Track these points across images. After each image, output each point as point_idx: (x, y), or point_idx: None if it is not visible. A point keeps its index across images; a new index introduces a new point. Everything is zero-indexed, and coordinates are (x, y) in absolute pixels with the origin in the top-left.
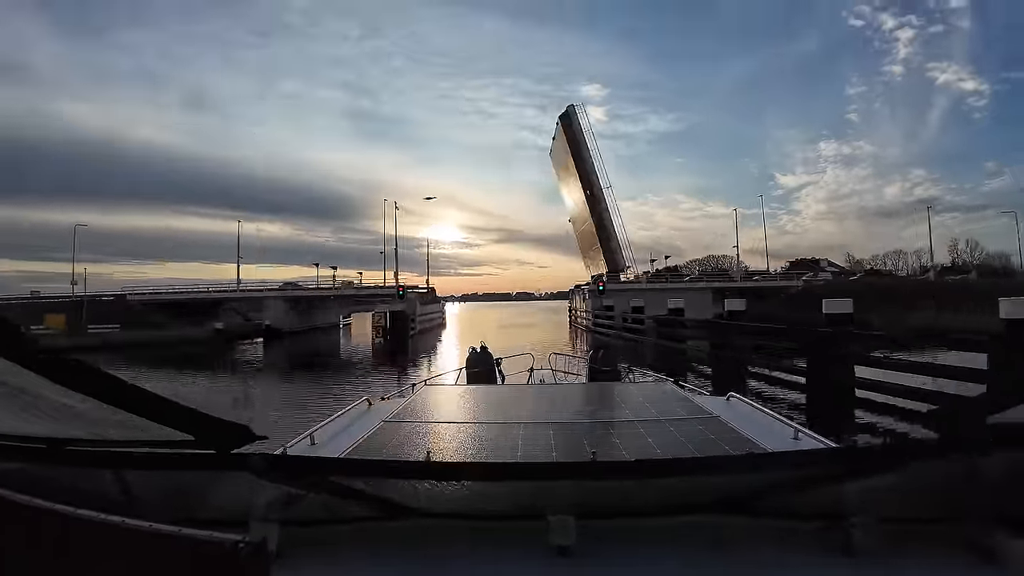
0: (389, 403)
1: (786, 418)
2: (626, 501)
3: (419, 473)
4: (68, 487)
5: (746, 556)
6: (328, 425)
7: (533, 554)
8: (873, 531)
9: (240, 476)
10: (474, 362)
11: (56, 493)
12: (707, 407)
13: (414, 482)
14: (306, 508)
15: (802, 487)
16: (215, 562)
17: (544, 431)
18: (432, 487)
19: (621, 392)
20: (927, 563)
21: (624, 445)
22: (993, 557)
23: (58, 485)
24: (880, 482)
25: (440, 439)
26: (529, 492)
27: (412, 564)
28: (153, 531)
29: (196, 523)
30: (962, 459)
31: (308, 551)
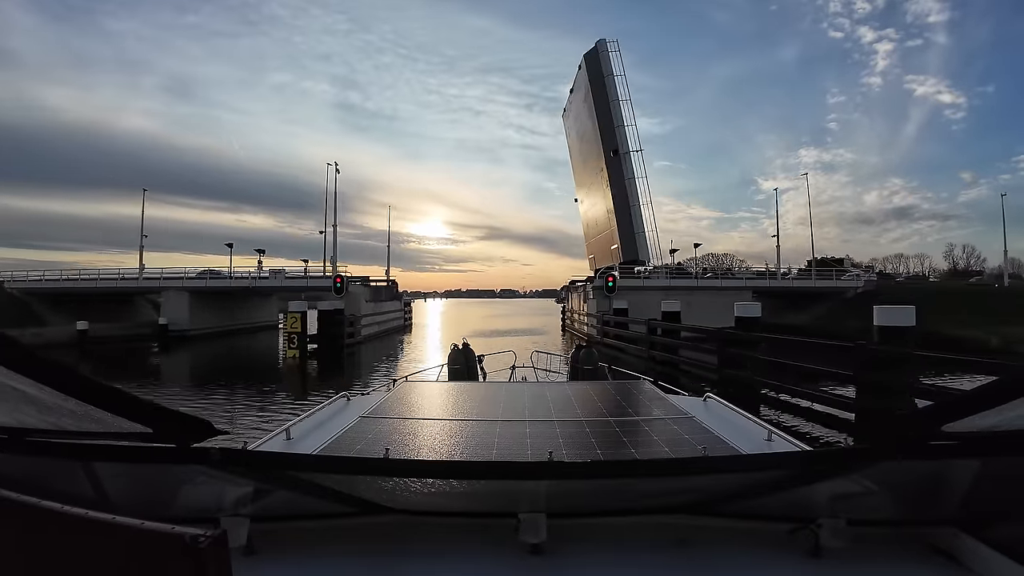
0: (367, 398)
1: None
2: (597, 500)
3: (382, 470)
4: (29, 478)
5: (715, 557)
6: (304, 420)
7: (504, 552)
8: (840, 533)
9: (209, 471)
10: (455, 359)
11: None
12: (683, 407)
13: (383, 479)
14: (277, 503)
15: (769, 489)
16: (176, 555)
17: (521, 429)
18: (403, 484)
19: (599, 391)
20: (892, 564)
21: (599, 444)
22: (955, 558)
23: (20, 476)
24: (847, 485)
25: (416, 435)
26: (501, 490)
27: (383, 561)
28: (115, 523)
29: (165, 518)
30: (924, 464)
31: (280, 546)
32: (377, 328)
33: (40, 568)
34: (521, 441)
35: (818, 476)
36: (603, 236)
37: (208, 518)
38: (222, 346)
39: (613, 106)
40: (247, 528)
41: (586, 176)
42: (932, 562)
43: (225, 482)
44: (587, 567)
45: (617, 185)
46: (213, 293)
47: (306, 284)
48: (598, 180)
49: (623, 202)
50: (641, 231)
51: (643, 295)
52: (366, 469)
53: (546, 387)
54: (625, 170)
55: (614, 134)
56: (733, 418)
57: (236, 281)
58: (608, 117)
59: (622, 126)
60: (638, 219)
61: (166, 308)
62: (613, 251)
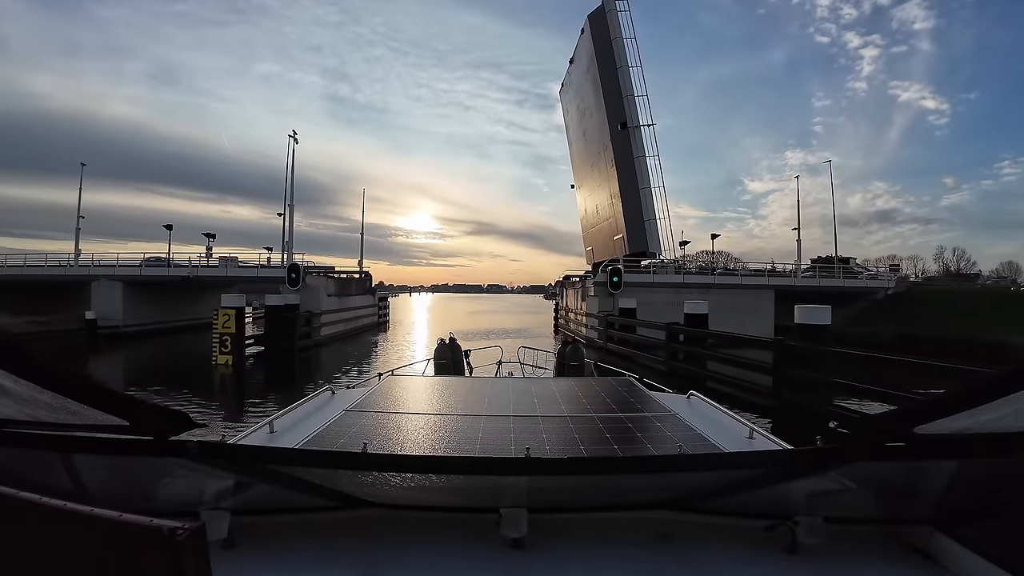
0: (352, 392)
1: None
2: (579, 496)
3: (362, 464)
4: (5, 469)
5: (695, 552)
6: (288, 414)
7: (485, 546)
8: (817, 530)
9: (187, 464)
10: (441, 353)
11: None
12: (667, 404)
13: (364, 473)
14: (258, 497)
15: (748, 487)
16: (153, 548)
17: (505, 424)
18: (384, 478)
19: (584, 387)
20: (868, 562)
21: (582, 440)
22: (931, 557)
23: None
24: (824, 483)
25: (400, 430)
26: (482, 485)
27: (364, 555)
28: (93, 515)
29: (145, 511)
30: (899, 464)
31: (261, 540)
32: (343, 327)
33: (17, 559)
34: (505, 436)
35: (795, 474)
36: (604, 225)
37: (188, 511)
38: (156, 346)
39: (621, 73)
40: (227, 522)
41: (587, 157)
42: (908, 560)
43: (205, 475)
44: (568, 562)
45: (623, 165)
46: (154, 284)
47: (256, 274)
48: (601, 161)
49: (630, 185)
50: (651, 219)
51: (652, 293)
52: (346, 463)
53: (532, 383)
54: (634, 147)
55: (622, 105)
56: (716, 416)
57: (175, 270)
58: (615, 86)
59: (631, 96)
60: (648, 205)
61: (97, 301)
62: (616, 242)
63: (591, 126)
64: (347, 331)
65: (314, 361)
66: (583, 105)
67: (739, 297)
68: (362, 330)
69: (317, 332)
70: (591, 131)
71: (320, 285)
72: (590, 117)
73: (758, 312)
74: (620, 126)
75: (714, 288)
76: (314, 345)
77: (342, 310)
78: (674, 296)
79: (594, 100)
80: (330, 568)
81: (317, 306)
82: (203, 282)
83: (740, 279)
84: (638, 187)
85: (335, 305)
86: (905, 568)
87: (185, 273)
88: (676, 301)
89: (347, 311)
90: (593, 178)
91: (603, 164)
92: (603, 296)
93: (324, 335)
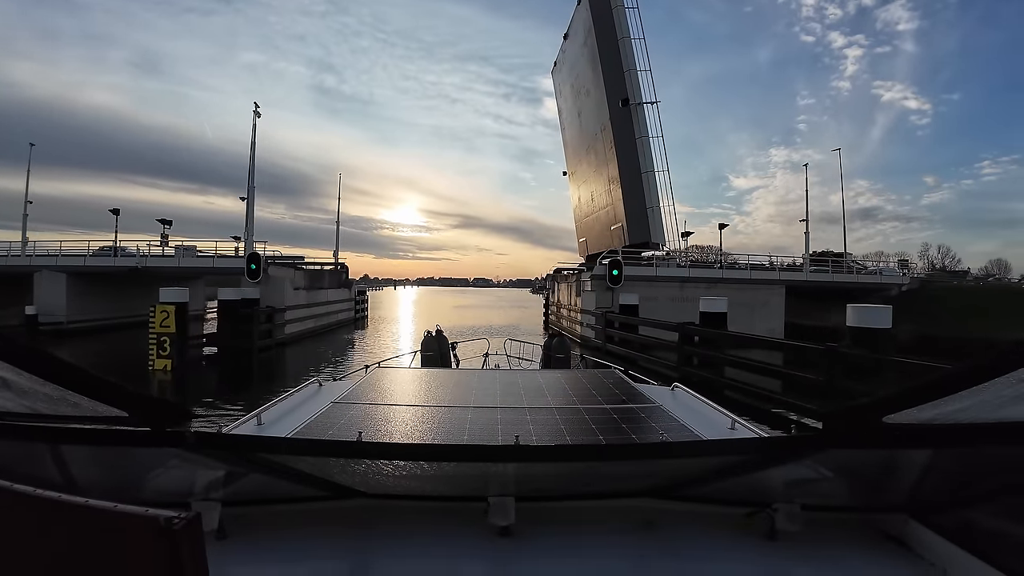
0: (339, 384)
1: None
2: (565, 484)
3: (355, 452)
4: (3, 461)
5: (677, 539)
6: (275, 406)
7: (473, 534)
8: (794, 517)
9: (184, 454)
10: (428, 345)
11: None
12: (651, 396)
13: (355, 462)
14: (250, 487)
15: (728, 474)
16: (149, 538)
17: (492, 415)
18: (374, 468)
19: (570, 379)
20: (844, 548)
21: (568, 430)
22: (905, 544)
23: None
24: (801, 472)
25: (388, 421)
26: (470, 474)
27: (354, 544)
28: (88, 507)
29: (138, 502)
30: (873, 453)
31: (252, 530)
32: (313, 324)
33: (14, 551)
34: (492, 427)
35: (773, 462)
36: (600, 214)
37: (180, 502)
38: (101, 344)
39: (623, 45)
40: (219, 512)
41: (581, 140)
42: (882, 547)
43: (198, 466)
44: (554, 549)
45: (624, 146)
46: (102, 276)
47: (212, 265)
48: (597, 143)
49: (631, 169)
50: (655, 206)
51: (654, 287)
52: (340, 452)
53: (518, 375)
54: (636, 127)
55: (623, 81)
56: (699, 407)
57: (121, 260)
58: (616, 59)
59: (634, 70)
60: (651, 190)
61: (39, 294)
62: (614, 232)
63: (587, 106)
64: (319, 328)
65: (276, 363)
66: (578, 83)
67: (747, 292)
68: (336, 327)
69: (280, 330)
70: (587, 111)
71: (285, 277)
72: (586, 96)
73: (767, 309)
74: (621, 103)
75: (721, 283)
76: (277, 345)
77: (312, 305)
78: (678, 291)
79: (591, 76)
80: (321, 557)
81: (281, 301)
82: (155, 273)
83: (750, 273)
84: (640, 171)
85: (304, 299)
86: (879, 554)
87: (133, 263)
88: (680, 296)
89: (318, 306)
90: (588, 163)
91: (600, 147)
92: (601, 291)
93: (289, 333)
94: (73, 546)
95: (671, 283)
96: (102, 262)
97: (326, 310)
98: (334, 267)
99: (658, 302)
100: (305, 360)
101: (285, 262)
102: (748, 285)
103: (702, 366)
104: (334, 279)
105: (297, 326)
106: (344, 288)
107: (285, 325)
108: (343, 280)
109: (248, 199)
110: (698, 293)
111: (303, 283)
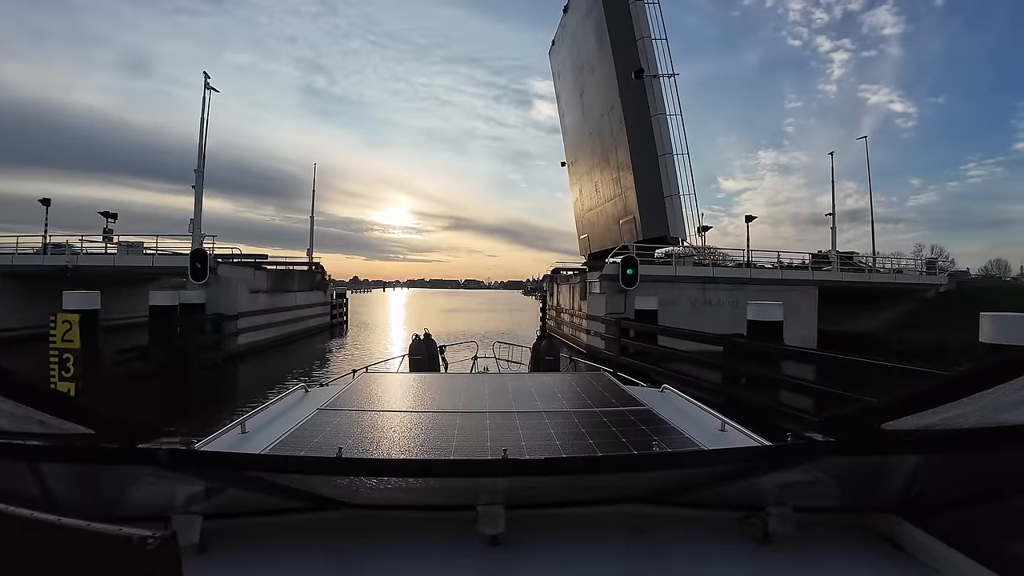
0: (326, 390)
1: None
2: (555, 492)
3: (336, 470)
4: None
5: (670, 544)
6: (261, 413)
7: (462, 544)
8: (788, 520)
9: (157, 472)
10: (416, 349)
11: None
12: (641, 399)
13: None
14: (232, 499)
15: (721, 481)
16: (123, 558)
17: (481, 421)
18: (359, 479)
19: (559, 382)
20: (838, 550)
21: (558, 435)
22: (897, 544)
23: None
24: (795, 475)
25: (375, 428)
26: (459, 484)
27: (340, 555)
28: (61, 525)
29: (116, 518)
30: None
31: (235, 543)
32: (276, 332)
33: None
34: (481, 433)
35: (767, 469)
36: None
37: (159, 516)
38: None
39: (635, 9)
40: (200, 526)
41: (584, 125)
42: (876, 548)
43: (176, 481)
44: (545, 557)
45: (637, 127)
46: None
47: (151, 264)
48: (604, 126)
49: (645, 152)
50: (673, 194)
51: (674, 289)
52: (320, 469)
53: (507, 378)
54: (651, 102)
55: (634, 50)
56: (689, 409)
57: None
58: (626, 27)
59: (648, 38)
60: (669, 176)
61: None
62: (624, 226)
63: (591, 84)
64: (284, 337)
65: (221, 383)
66: (581, 60)
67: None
68: (308, 334)
69: (232, 340)
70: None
71: (239, 278)
72: (590, 73)
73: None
74: (634, 75)
75: (749, 284)
76: (228, 359)
77: (275, 310)
78: (699, 293)
79: (597, 50)
80: (306, 570)
81: (233, 306)
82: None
83: (781, 273)
84: (656, 154)
85: (265, 304)
86: (873, 555)
87: (62, 262)
88: (702, 300)
89: (285, 311)
90: (592, 150)
91: (607, 129)
92: (612, 293)
93: (244, 344)
94: (44, 566)
95: (692, 284)
96: (26, 263)
97: (295, 315)
98: (309, 267)
99: (679, 306)
100: (263, 376)
101: (245, 261)
102: (778, 286)
103: (750, 385)
104: (306, 281)
105: (255, 335)
106: (318, 291)
107: (238, 335)
108: (318, 282)
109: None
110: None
111: (266, 285)
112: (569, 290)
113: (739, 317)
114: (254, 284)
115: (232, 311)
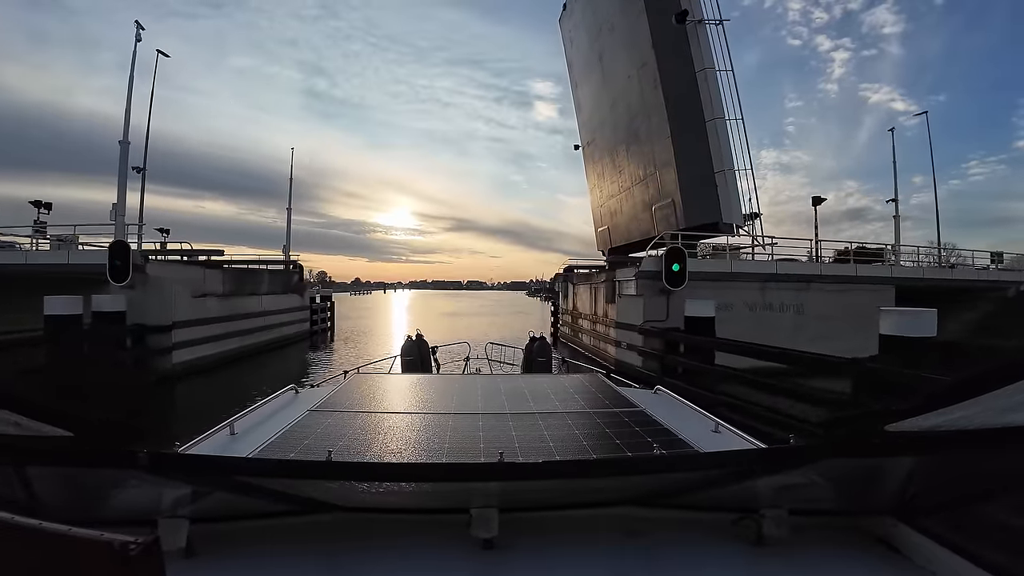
0: (317, 391)
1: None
2: (549, 495)
3: (324, 474)
4: None
5: (664, 546)
6: (250, 414)
7: (455, 547)
8: (782, 522)
9: (139, 475)
10: (409, 350)
11: None
12: (634, 400)
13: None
14: (218, 503)
15: (716, 483)
16: (104, 563)
17: (474, 422)
18: (350, 484)
19: (552, 383)
20: (833, 551)
21: (551, 436)
22: (893, 546)
23: None
24: (789, 478)
25: (366, 430)
26: (453, 487)
27: (330, 559)
28: (41, 529)
29: (100, 521)
30: (863, 459)
31: (222, 547)
32: (237, 343)
33: None
34: (474, 435)
35: (762, 471)
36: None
37: (145, 520)
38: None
39: None
40: (186, 530)
41: (605, 95)
42: (871, 550)
43: (160, 484)
44: (539, 560)
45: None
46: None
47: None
48: (631, 92)
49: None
50: (727, 169)
51: (731, 290)
52: (309, 473)
53: (500, 380)
54: (696, 56)
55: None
56: (682, 411)
57: None
58: None
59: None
60: (722, 148)
61: None
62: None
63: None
64: (246, 349)
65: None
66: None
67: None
68: (279, 345)
69: (163, 358)
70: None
71: (175, 278)
72: (610, 32)
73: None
74: (675, 19)
75: (818, 281)
76: (160, 380)
77: (234, 318)
78: (758, 295)
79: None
80: (296, 574)
81: (167, 313)
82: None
83: (856, 270)
84: (704, 119)
85: (217, 310)
86: (868, 558)
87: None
88: (762, 303)
89: (246, 319)
90: (616, 124)
91: (636, 94)
92: (651, 295)
93: (182, 362)
94: (23, 572)
95: (750, 283)
96: None
97: (262, 324)
98: (285, 267)
99: (735, 311)
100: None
101: (191, 260)
102: (852, 286)
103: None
104: (278, 282)
105: (201, 349)
106: (294, 294)
107: (172, 351)
108: (294, 284)
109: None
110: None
111: (220, 287)
112: (590, 291)
113: (804, 325)
114: (203, 286)
115: (165, 320)
